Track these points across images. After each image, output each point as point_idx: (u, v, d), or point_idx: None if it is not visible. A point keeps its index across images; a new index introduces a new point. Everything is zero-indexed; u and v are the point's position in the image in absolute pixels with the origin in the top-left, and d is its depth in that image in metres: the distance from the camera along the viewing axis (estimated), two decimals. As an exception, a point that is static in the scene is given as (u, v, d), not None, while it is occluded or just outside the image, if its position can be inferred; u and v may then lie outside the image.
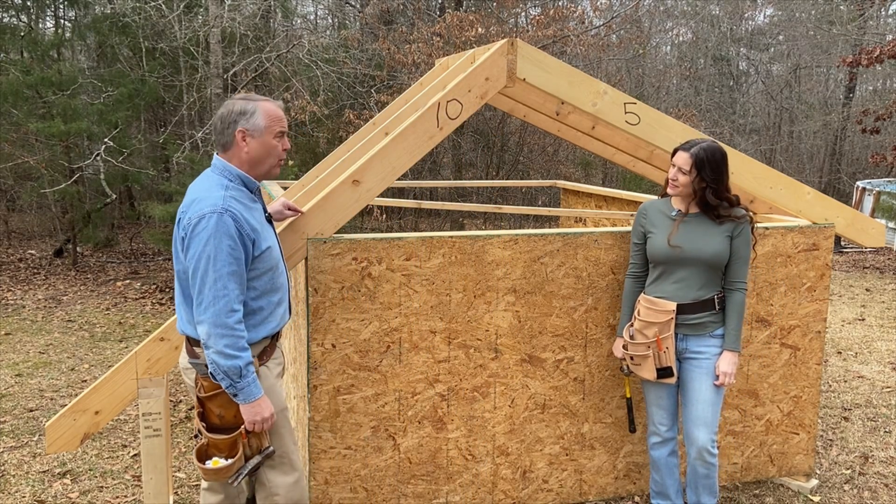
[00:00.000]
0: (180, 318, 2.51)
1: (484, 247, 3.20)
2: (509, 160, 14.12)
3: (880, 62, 11.39)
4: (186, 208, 2.37)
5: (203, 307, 2.29)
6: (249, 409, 2.38)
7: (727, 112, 18.83)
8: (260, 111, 2.44)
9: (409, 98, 4.12)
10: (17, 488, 3.72)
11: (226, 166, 2.47)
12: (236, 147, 2.45)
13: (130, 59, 11.73)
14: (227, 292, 2.29)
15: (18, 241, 11.59)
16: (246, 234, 2.36)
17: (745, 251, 3.03)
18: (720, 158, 2.99)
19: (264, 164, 2.49)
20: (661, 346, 3.05)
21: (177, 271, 2.45)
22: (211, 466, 2.38)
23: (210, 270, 2.28)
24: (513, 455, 3.42)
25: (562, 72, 3.24)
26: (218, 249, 2.28)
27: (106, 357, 5.92)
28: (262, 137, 2.45)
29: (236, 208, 2.35)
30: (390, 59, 10.77)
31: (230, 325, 2.29)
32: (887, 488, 3.83)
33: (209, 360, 2.32)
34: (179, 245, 2.39)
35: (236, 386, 2.33)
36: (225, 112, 2.44)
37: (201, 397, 2.42)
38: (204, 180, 2.45)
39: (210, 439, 2.39)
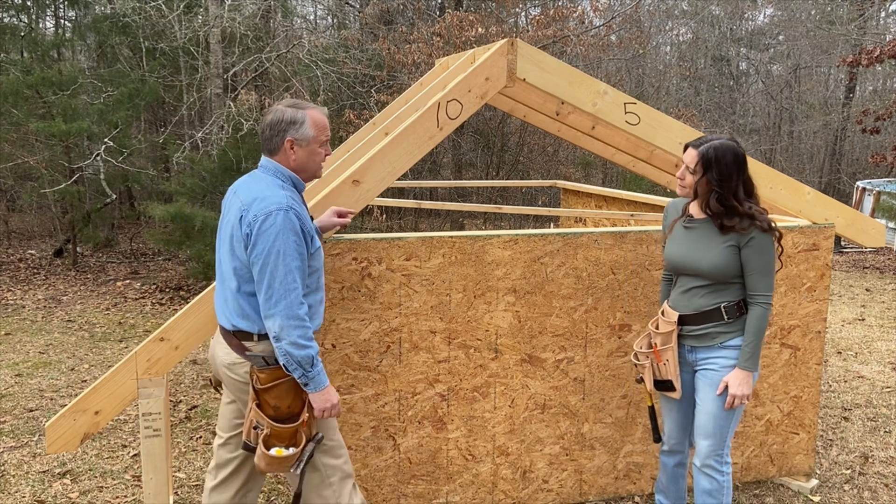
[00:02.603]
0: (231, 313, 2.52)
1: (484, 247, 3.20)
2: (509, 160, 14.12)
3: (880, 62, 11.40)
4: (248, 206, 2.42)
5: (274, 300, 2.36)
6: (319, 396, 2.46)
7: (727, 112, 18.83)
8: (309, 121, 2.51)
9: (409, 98, 4.12)
10: (17, 488, 3.72)
11: (278, 168, 2.54)
12: (283, 153, 2.53)
13: (130, 59, 11.73)
14: (297, 285, 2.37)
15: (18, 241, 11.59)
16: (307, 230, 2.44)
17: (759, 262, 2.72)
18: (731, 160, 2.70)
19: (308, 170, 2.58)
20: (659, 358, 2.89)
21: (233, 268, 2.47)
22: (275, 455, 2.43)
23: (280, 265, 2.35)
24: (513, 455, 3.42)
25: (562, 72, 3.24)
26: (286, 244, 2.36)
27: (106, 357, 5.92)
28: (309, 146, 2.53)
29: (297, 206, 2.43)
30: (390, 59, 10.77)
31: (301, 317, 2.37)
32: (887, 488, 3.83)
33: (282, 352, 2.38)
34: (238, 242, 2.43)
35: (308, 375, 2.41)
36: (275, 119, 2.50)
37: (258, 389, 2.46)
38: (258, 180, 2.50)
39: (273, 429, 2.43)
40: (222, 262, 2.54)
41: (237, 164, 8.50)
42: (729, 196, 2.72)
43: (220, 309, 2.59)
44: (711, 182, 2.72)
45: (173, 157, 9.57)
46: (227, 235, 2.49)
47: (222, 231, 2.55)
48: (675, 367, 2.87)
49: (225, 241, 2.51)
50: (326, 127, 2.57)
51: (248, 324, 2.49)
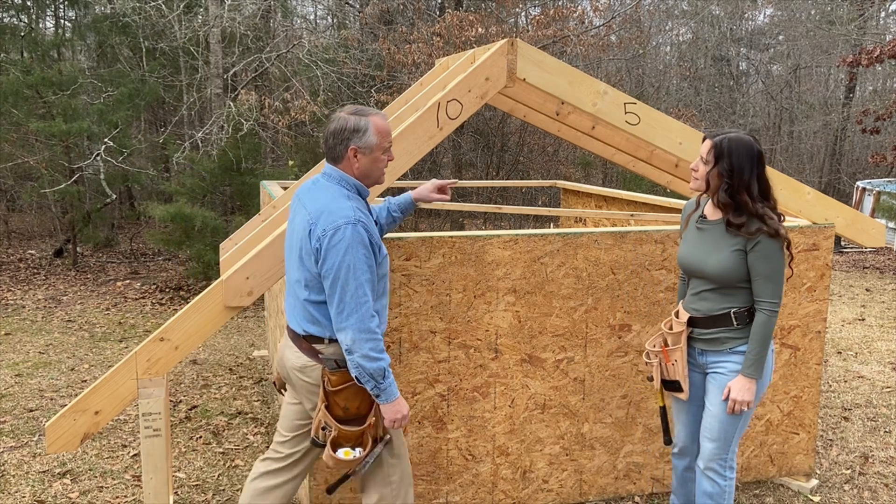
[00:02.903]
0: (301, 318, 2.57)
1: (484, 247, 3.20)
2: (509, 160, 14.12)
3: (880, 62, 11.40)
4: (316, 219, 2.44)
5: (345, 314, 2.40)
6: (391, 407, 2.49)
7: (727, 112, 18.83)
8: (372, 128, 2.52)
9: (409, 98, 4.12)
10: (17, 488, 3.72)
11: (343, 176, 2.56)
12: (346, 161, 2.54)
13: (130, 59, 11.73)
14: (367, 299, 2.41)
15: (18, 241, 11.59)
16: (374, 241, 2.47)
17: (765, 268, 2.66)
18: (744, 152, 2.63)
19: (371, 177, 2.59)
20: (667, 358, 2.87)
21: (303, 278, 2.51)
22: (343, 457, 2.48)
23: (350, 279, 2.38)
24: (513, 455, 3.42)
25: (562, 72, 3.24)
26: (356, 259, 2.39)
27: (106, 357, 5.92)
28: (373, 154, 2.54)
29: (364, 218, 2.45)
30: (390, 59, 10.77)
31: (372, 330, 2.41)
32: (887, 488, 3.83)
33: (354, 365, 2.42)
34: (308, 255, 2.47)
35: (380, 387, 2.44)
36: (338, 128, 2.52)
37: (329, 391, 2.51)
38: (324, 190, 2.53)
39: (340, 431, 2.48)
40: (291, 271, 2.60)
41: (237, 164, 8.50)
42: (741, 190, 2.65)
43: (291, 314, 2.63)
44: (722, 173, 2.66)
45: (173, 157, 9.57)
46: (297, 247, 2.53)
47: (290, 239, 2.60)
48: (683, 368, 2.85)
49: (294, 251, 2.56)
50: (389, 133, 2.59)
51: (319, 329, 2.53)
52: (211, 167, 8.61)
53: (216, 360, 5.87)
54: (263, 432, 4.44)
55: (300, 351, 2.59)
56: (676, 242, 3.45)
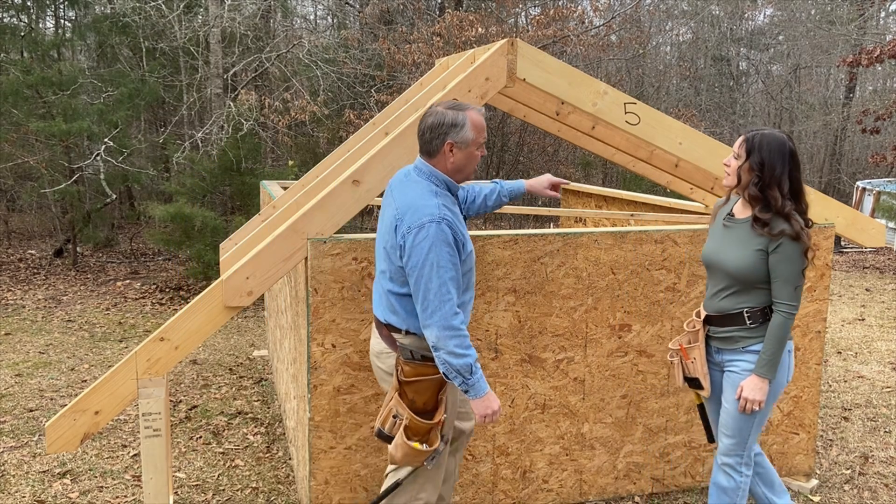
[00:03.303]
0: (384, 307, 2.64)
1: (484, 247, 3.20)
2: (509, 160, 14.13)
3: (880, 62, 11.39)
4: (402, 215, 2.49)
5: (430, 312, 2.44)
6: (480, 403, 2.51)
7: (727, 112, 18.83)
8: (469, 123, 2.54)
9: (409, 98, 4.12)
10: (17, 488, 3.72)
11: (433, 171, 2.59)
12: (442, 156, 2.57)
13: (130, 59, 11.73)
14: (451, 296, 2.44)
15: (18, 241, 11.59)
16: (459, 239, 2.50)
17: (784, 270, 2.66)
18: (776, 148, 2.64)
19: (464, 171, 2.62)
20: (686, 356, 2.92)
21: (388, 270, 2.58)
22: (414, 446, 2.51)
23: (434, 277, 2.42)
24: (513, 455, 3.42)
25: (562, 72, 3.24)
26: (440, 257, 2.42)
27: (106, 357, 5.92)
28: (468, 149, 2.57)
29: (449, 216, 2.48)
30: (390, 59, 10.77)
31: (456, 326, 2.44)
32: (887, 488, 3.83)
33: (441, 361, 2.46)
34: (393, 249, 2.53)
35: (468, 382, 2.47)
36: (435, 122, 2.54)
37: (401, 380, 2.55)
38: (413, 185, 2.56)
39: (411, 420, 2.51)
40: (378, 261, 2.67)
41: (237, 164, 8.50)
42: (771, 185, 2.65)
43: (377, 302, 2.71)
44: (753, 167, 2.66)
45: (173, 157, 9.57)
46: (384, 237, 2.60)
47: (380, 230, 2.65)
48: (702, 365, 2.88)
49: (381, 243, 2.62)
50: (484, 128, 2.61)
51: (398, 319, 2.60)
52: (211, 167, 8.61)
53: (216, 360, 5.87)
54: (263, 432, 4.44)
55: (380, 337, 2.69)
56: (676, 242, 3.45)
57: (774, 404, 2.92)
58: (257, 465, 4.01)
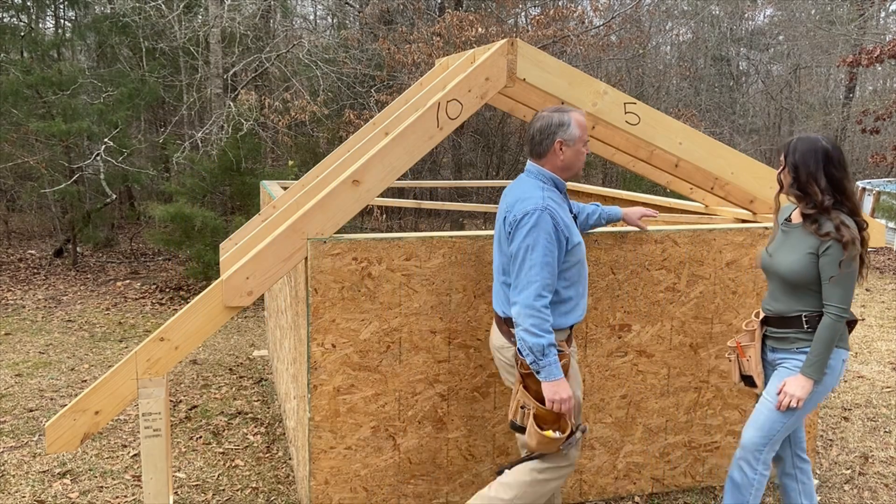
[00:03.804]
0: (502, 301, 2.82)
1: (484, 247, 3.20)
2: (509, 160, 14.13)
3: (880, 62, 11.40)
4: (511, 207, 2.72)
5: (517, 290, 2.62)
6: (550, 387, 2.62)
7: (727, 112, 18.83)
8: (574, 122, 2.74)
9: (409, 98, 4.12)
10: (17, 488, 3.72)
11: (540, 170, 2.79)
12: (552, 154, 2.76)
13: (130, 59, 11.74)
14: (539, 279, 2.59)
15: (18, 241, 11.59)
16: (561, 230, 2.66)
17: (834, 273, 2.70)
18: (809, 148, 2.74)
19: (573, 168, 2.81)
20: (742, 353, 3.00)
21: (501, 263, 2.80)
22: (547, 435, 2.63)
23: (527, 259, 2.61)
24: (513, 455, 3.42)
25: (562, 72, 3.24)
26: (536, 241, 2.60)
27: (106, 357, 5.92)
28: (575, 146, 2.76)
29: (553, 207, 2.66)
30: (390, 59, 10.77)
31: (537, 308, 2.58)
32: (887, 488, 3.83)
33: (518, 338, 2.62)
34: (504, 240, 2.75)
35: (539, 363, 2.59)
36: (544, 124, 2.74)
37: (522, 373, 2.69)
38: (522, 184, 2.78)
39: (538, 410, 2.64)
40: (495, 257, 2.89)
41: (237, 164, 8.50)
42: (809, 182, 2.73)
43: (496, 297, 2.89)
44: (790, 170, 2.78)
45: (173, 157, 9.57)
46: (497, 234, 2.85)
47: (496, 228, 2.89)
48: (756, 364, 2.96)
49: (496, 238, 2.86)
50: (587, 127, 2.81)
51: None
52: (211, 167, 8.61)
53: (216, 360, 5.87)
54: (263, 432, 4.44)
55: (499, 332, 2.85)
56: (676, 242, 3.45)
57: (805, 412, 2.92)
58: (257, 465, 4.01)
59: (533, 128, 2.78)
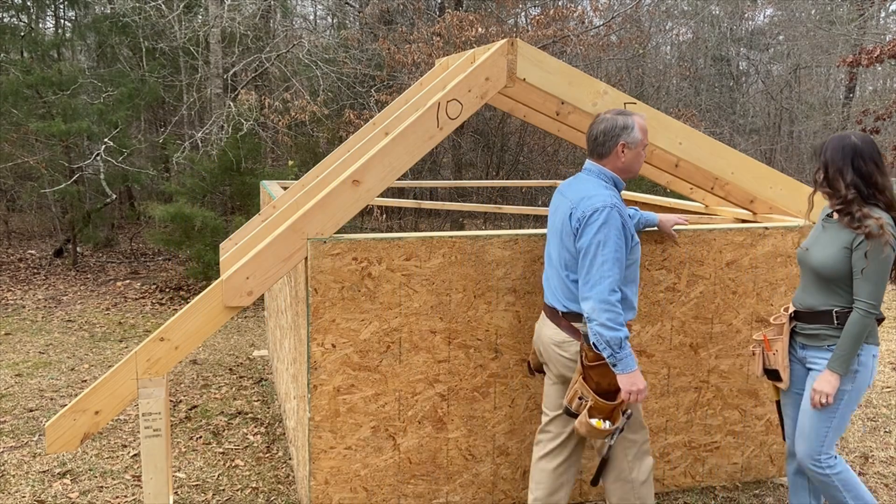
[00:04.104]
0: (561, 296, 2.87)
1: (484, 247, 3.20)
2: (509, 160, 14.13)
3: (880, 62, 11.39)
4: (576, 204, 2.76)
5: (590, 285, 2.66)
6: (626, 378, 2.69)
7: (727, 112, 18.83)
8: (636, 126, 2.83)
9: (409, 98, 4.12)
10: (17, 488, 3.72)
11: (601, 170, 2.86)
12: (614, 156, 2.83)
13: (130, 59, 11.74)
14: (611, 274, 2.65)
15: (18, 241, 11.59)
16: (628, 227, 2.74)
17: (864, 267, 2.71)
18: (837, 146, 2.79)
19: (632, 170, 2.89)
20: (768, 346, 3.01)
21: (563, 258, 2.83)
22: (595, 425, 2.73)
23: (599, 255, 2.65)
24: (513, 455, 3.42)
25: (562, 72, 3.24)
26: (607, 237, 2.65)
27: (106, 357, 5.92)
28: (636, 149, 2.84)
29: (619, 204, 2.74)
30: (390, 59, 10.77)
31: (612, 302, 2.64)
32: (887, 488, 3.83)
33: (593, 332, 2.66)
34: (568, 236, 2.79)
35: (616, 356, 2.65)
36: (608, 127, 2.82)
37: (586, 365, 2.76)
38: (584, 182, 2.84)
39: (595, 402, 2.74)
40: (552, 253, 2.92)
41: (237, 164, 8.50)
42: (836, 178, 2.77)
43: (551, 293, 2.92)
44: (821, 168, 2.84)
45: (173, 157, 9.57)
46: (557, 230, 2.87)
47: (552, 226, 2.94)
48: (783, 358, 2.97)
49: (555, 235, 2.89)
50: (647, 131, 2.89)
51: (578, 306, 2.80)
52: (211, 167, 8.61)
53: (216, 360, 5.87)
54: (263, 432, 4.44)
55: (558, 327, 2.88)
56: (676, 242, 3.45)
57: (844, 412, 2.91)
58: (257, 465, 4.01)
59: (596, 129, 2.84)
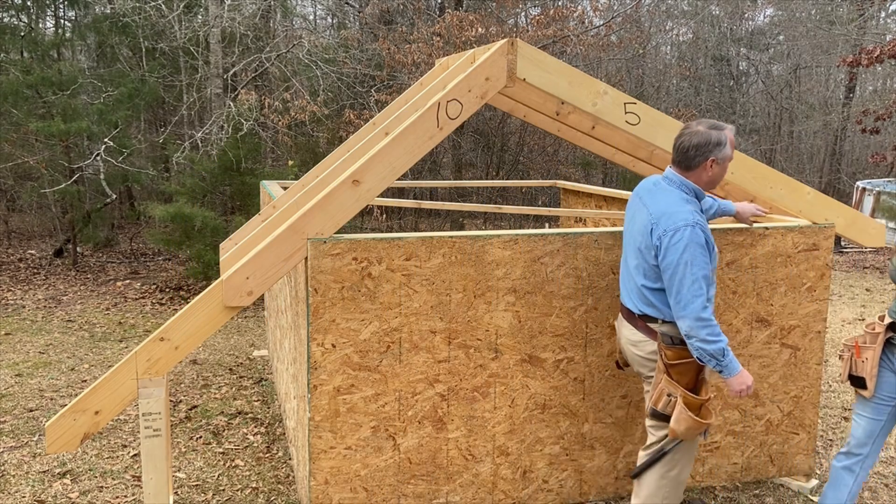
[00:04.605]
0: (637, 300, 2.98)
1: (484, 247, 3.20)
2: (509, 160, 14.13)
3: (880, 62, 11.39)
4: (657, 220, 2.84)
5: (682, 305, 2.77)
6: (735, 380, 2.81)
7: (727, 112, 18.83)
8: (727, 142, 2.91)
9: (409, 98, 4.12)
10: (17, 488, 3.72)
11: (683, 181, 2.94)
12: (701, 169, 2.92)
13: (130, 59, 11.74)
14: (702, 291, 2.76)
15: (18, 241, 11.58)
16: (709, 241, 2.84)
17: None
18: None
19: (715, 182, 2.97)
20: (858, 353, 3.00)
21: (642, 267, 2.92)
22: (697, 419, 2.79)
23: (687, 274, 2.75)
24: (513, 455, 3.42)
25: (562, 72, 3.24)
26: (693, 256, 2.75)
27: (106, 357, 5.92)
28: (724, 164, 2.93)
29: (701, 221, 2.82)
30: (390, 59, 10.77)
31: (706, 318, 2.75)
32: (887, 488, 3.83)
33: (694, 349, 2.77)
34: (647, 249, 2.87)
35: (721, 364, 2.77)
36: (702, 142, 2.87)
37: (667, 363, 2.86)
38: (665, 192, 2.92)
39: (685, 397, 2.82)
40: (629, 258, 3.02)
41: (237, 164, 8.50)
42: None
43: (627, 295, 3.04)
44: None
45: (173, 157, 9.57)
46: (635, 240, 2.96)
47: (629, 231, 3.03)
48: (872, 367, 2.96)
49: (632, 243, 2.98)
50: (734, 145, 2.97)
51: (654, 311, 2.93)
52: (211, 167, 8.61)
53: (216, 360, 5.87)
54: (263, 432, 4.44)
55: (635, 328, 3.00)
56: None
57: None
58: (257, 465, 4.01)
59: (688, 142, 2.88)
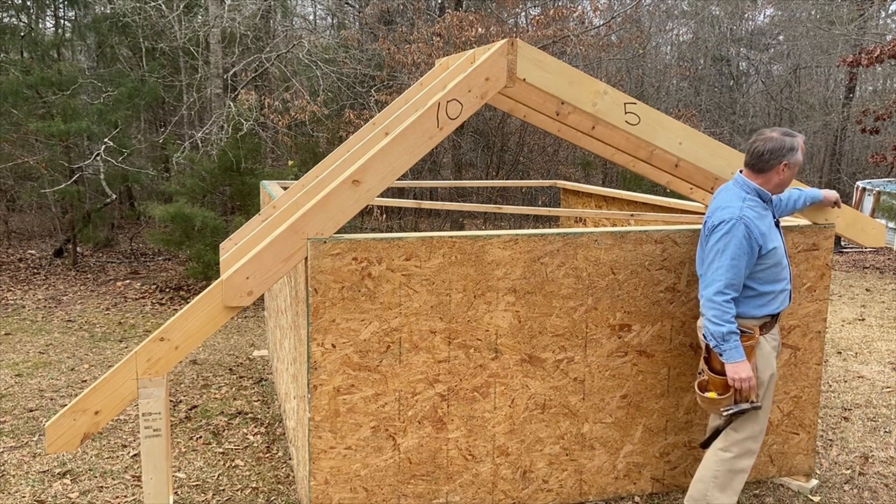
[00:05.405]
0: None
1: (484, 247, 3.20)
2: (509, 160, 14.13)
3: (880, 62, 11.39)
4: (711, 214, 3.11)
5: (704, 285, 3.06)
6: (730, 367, 3.02)
7: (727, 112, 18.83)
8: (798, 148, 3.09)
9: (409, 98, 4.12)
10: (17, 488, 3.72)
11: (745, 182, 3.13)
12: (772, 173, 3.09)
13: (130, 59, 11.74)
14: (723, 279, 2.99)
15: (18, 241, 11.59)
16: (755, 238, 3.01)
17: None
18: None
19: (784, 185, 3.14)
20: None
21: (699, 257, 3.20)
22: (708, 396, 3.10)
23: (716, 260, 3.02)
24: (513, 455, 3.42)
25: (562, 72, 3.24)
26: (726, 246, 2.99)
27: (106, 357, 5.92)
28: (794, 168, 3.11)
29: (749, 216, 3.00)
30: (390, 59, 10.78)
31: (718, 301, 2.99)
32: (887, 488, 3.83)
33: (704, 326, 3.07)
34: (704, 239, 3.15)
35: (720, 347, 3.01)
36: (776, 147, 3.06)
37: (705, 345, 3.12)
38: (726, 193, 3.14)
39: (710, 377, 3.10)
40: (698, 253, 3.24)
41: (237, 164, 8.50)
42: None
43: None
44: None
45: (173, 157, 9.58)
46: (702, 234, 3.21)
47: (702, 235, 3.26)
48: None
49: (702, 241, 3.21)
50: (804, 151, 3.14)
51: None
52: (211, 167, 8.61)
53: (216, 360, 5.87)
54: (263, 432, 4.44)
55: None
56: (676, 242, 3.45)
57: None
58: (257, 465, 4.01)
59: (763, 147, 3.06)
